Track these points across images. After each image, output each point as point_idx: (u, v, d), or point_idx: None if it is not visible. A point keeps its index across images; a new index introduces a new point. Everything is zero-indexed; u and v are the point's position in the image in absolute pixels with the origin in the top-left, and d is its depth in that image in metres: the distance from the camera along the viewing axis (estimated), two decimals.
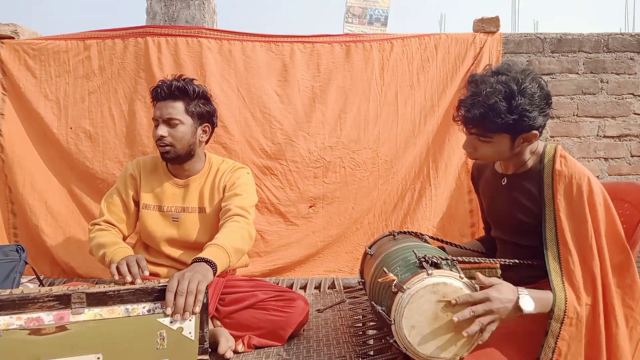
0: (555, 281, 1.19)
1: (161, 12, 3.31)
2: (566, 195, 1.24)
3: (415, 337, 1.10)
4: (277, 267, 2.29)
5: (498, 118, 1.21)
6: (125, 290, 1.18)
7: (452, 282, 1.11)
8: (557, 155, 1.28)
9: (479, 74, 1.31)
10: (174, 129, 1.61)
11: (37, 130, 2.28)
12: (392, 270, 1.22)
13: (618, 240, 1.22)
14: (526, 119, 1.21)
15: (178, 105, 1.62)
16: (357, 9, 2.94)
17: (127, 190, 1.70)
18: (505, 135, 1.26)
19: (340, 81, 2.30)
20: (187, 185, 1.70)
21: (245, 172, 1.74)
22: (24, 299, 1.11)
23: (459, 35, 2.33)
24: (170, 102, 1.62)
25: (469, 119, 1.25)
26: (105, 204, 1.70)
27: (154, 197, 1.69)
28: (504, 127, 1.22)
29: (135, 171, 1.72)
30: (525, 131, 1.25)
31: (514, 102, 1.20)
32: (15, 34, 2.29)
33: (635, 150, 2.56)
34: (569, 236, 1.21)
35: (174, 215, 1.67)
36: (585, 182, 1.22)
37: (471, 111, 1.23)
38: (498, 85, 1.22)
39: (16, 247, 1.78)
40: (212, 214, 1.68)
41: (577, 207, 1.22)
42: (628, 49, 2.50)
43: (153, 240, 1.68)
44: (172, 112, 1.61)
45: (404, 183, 2.35)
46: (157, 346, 1.16)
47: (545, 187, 1.27)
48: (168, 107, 1.61)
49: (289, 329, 1.52)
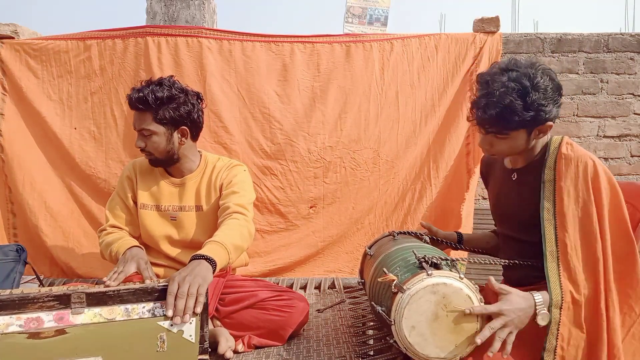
0: (550, 266, 1.19)
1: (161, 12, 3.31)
2: (572, 178, 1.23)
3: (415, 338, 1.10)
4: (277, 267, 2.29)
5: (515, 116, 1.20)
6: (125, 290, 1.18)
7: (452, 282, 1.11)
8: (563, 142, 1.29)
9: (487, 72, 1.30)
10: (148, 139, 1.60)
11: (38, 130, 2.28)
12: (392, 270, 1.22)
13: (622, 225, 1.21)
14: (542, 113, 1.21)
15: (146, 116, 1.59)
16: (357, 9, 2.94)
17: (125, 193, 1.70)
18: (522, 131, 1.25)
19: (341, 81, 2.30)
20: (183, 184, 1.69)
21: (242, 170, 1.74)
22: (24, 299, 1.11)
23: (459, 35, 2.33)
24: (139, 113, 1.60)
25: (485, 119, 1.24)
26: (110, 209, 1.71)
27: (151, 196, 1.69)
28: (521, 124, 1.22)
29: (132, 172, 1.72)
30: (541, 124, 1.25)
31: (529, 98, 1.19)
32: (15, 34, 2.29)
33: (635, 150, 2.56)
34: (571, 219, 1.21)
35: (172, 214, 1.67)
36: (591, 164, 1.21)
37: (487, 112, 1.22)
38: (510, 83, 1.21)
39: (16, 247, 1.78)
40: (209, 212, 1.68)
41: (582, 189, 1.21)
42: (628, 49, 2.50)
43: (152, 239, 1.68)
44: (142, 124, 1.59)
45: (404, 183, 2.36)
46: (157, 349, 1.16)
47: (547, 169, 1.27)
48: (139, 118, 1.60)
49: (289, 329, 1.52)
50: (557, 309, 1.15)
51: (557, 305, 1.15)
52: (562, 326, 1.15)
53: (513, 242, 1.43)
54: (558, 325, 1.14)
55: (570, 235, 1.20)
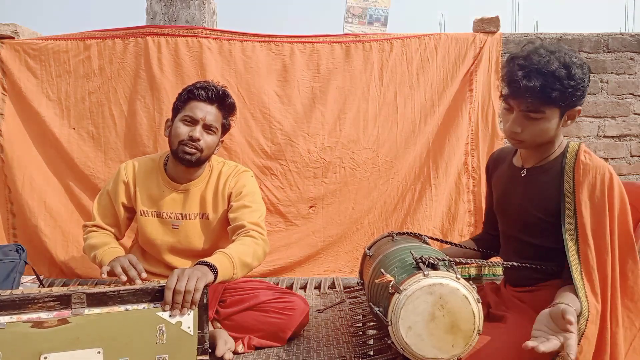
0: (576, 277, 1.18)
1: (161, 12, 3.31)
2: (589, 189, 1.22)
3: (412, 338, 1.10)
4: (277, 267, 2.29)
5: (559, 84, 1.18)
6: (125, 290, 1.18)
7: (448, 282, 1.11)
8: (581, 149, 1.28)
9: (521, 52, 1.27)
10: (209, 136, 1.58)
11: (37, 130, 2.28)
12: (389, 271, 1.22)
13: (628, 241, 1.21)
14: (581, 88, 1.21)
15: (218, 113, 1.61)
16: (357, 9, 2.93)
17: (117, 197, 1.64)
18: (556, 111, 1.23)
19: (340, 82, 2.30)
20: (186, 190, 1.63)
21: (249, 176, 1.69)
22: (25, 299, 1.12)
23: (459, 35, 2.33)
24: (212, 107, 1.60)
25: (529, 87, 1.19)
26: (97, 206, 1.67)
27: (152, 203, 1.63)
28: (561, 97, 1.20)
29: (129, 177, 1.64)
30: (573, 105, 1.24)
31: (572, 70, 1.19)
32: (15, 34, 2.29)
33: (635, 150, 2.56)
34: (589, 231, 1.20)
35: (174, 222, 1.62)
36: (608, 177, 1.21)
37: (531, 80, 1.19)
38: (552, 56, 1.21)
39: (16, 247, 1.78)
40: (215, 221, 1.63)
41: (599, 201, 1.21)
42: (628, 49, 2.50)
43: (153, 247, 1.64)
44: (214, 119, 1.59)
45: (404, 183, 2.35)
46: (157, 341, 1.18)
47: (566, 179, 1.26)
48: (211, 112, 1.59)
49: (288, 331, 1.52)
50: (584, 320, 1.14)
51: (585, 317, 1.14)
52: (584, 339, 1.14)
53: (513, 241, 1.42)
54: (581, 338, 1.13)
55: (591, 248, 1.19)
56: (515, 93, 1.24)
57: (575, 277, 1.18)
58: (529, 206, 1.33)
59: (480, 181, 2.31)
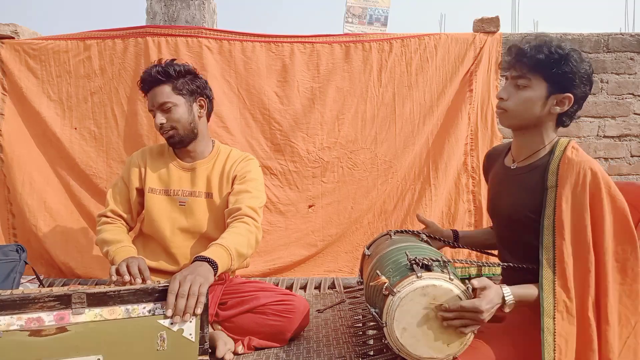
0: (545, 274, 1.18)
1: (161, 12, 3.31)
2: (571, 183, 1.21)
3: (407, 339, 1.11)
4: (277, 267, 2.29)
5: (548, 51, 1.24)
6: (125, 290, 1.18)
7: (441, 284, 1.12)
8: (569, 145, 1.28)
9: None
10: (170, 113, 1.61)
11: (38, 130, 2.28)
12: (384, 272, 1.22)
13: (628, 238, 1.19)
14: (570, 74, 1.25)
15: (165, 88, 1.62)
16: (357, 9, 2.93)
17: (130, 180, 1.69)
18: (543, 84, 1.26)
19: (339, 82, 2.30)
20: (194, 168, 1.68)
21: (256, 165, 1.74)
22: (25, 299, 1.11)
23: (458, 35, 2.32)
24: (157, 88, 1.62)
25: (521, 49, 1.27)
26: (112, 192, 1.71)
27: (160, 180, 1.68)
28: (547, 63, 1.24)
29: (140, 160, 1.71)
30: (563, 88, 1.26)
31: (569, 53, 1.26)
32: (15, 34, 2.29)
33: (635, 150, 2.56)
34: (568, 226, 1.19)
35: (181, 199, 1.65)
36: (590, 172, 1.20)
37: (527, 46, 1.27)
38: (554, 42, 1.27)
39: (16, 247, 1.78)
40: (219, 201, 1.66)
41: (580, 197, 1.20)
42: (628, 49, 2.50)
43: (157, 230, 1.64)
44: (162, 97, 1.61)
45: (403, 183, 2.36)
46: (158, 347, 1.16)
47: (550, 173, 1.26)
48: (157, 93, 1.61)
49: (288, 333, 1.52)
50: (549, 319, 1.14)
51: (549, 315, 1.14)
52: (559, 337, 1.13)
53: (506, 241, 1.42)
54: (554, 337, 1.13)
55: (567, 242, 1.19)
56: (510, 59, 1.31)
57: (544, 274, 1.18)
58: (519, 205, 1.32)
59: (480, 181, 2.31)
